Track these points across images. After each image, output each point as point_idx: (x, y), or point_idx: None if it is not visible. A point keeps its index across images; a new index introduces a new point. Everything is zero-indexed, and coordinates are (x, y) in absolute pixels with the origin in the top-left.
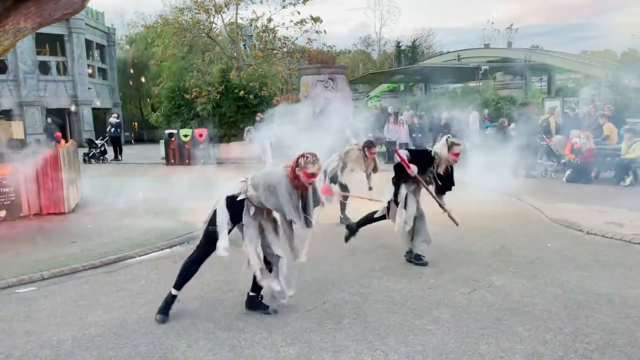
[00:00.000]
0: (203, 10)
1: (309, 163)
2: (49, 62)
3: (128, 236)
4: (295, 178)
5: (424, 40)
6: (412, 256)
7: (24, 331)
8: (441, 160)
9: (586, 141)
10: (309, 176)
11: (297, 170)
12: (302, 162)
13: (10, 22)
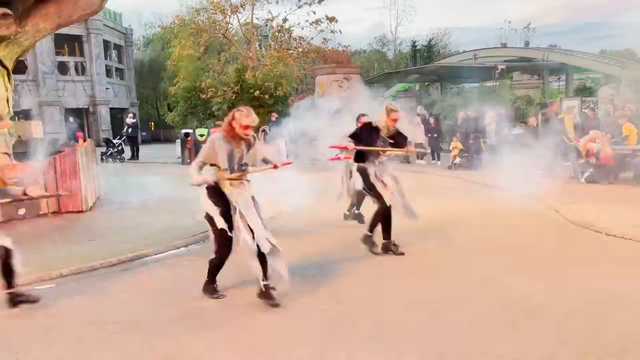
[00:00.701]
0: (219, 11)
1: (243, 116)
2: (68, 63)
3: (145, 234)
4: (232, 131)
5: (440, 39)
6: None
7: (44, 328)
8: (382, 125)
9: (602, 147)
10: (244, 127)
11: (234, 123)
12: (238, 115)
13: (30, 23)
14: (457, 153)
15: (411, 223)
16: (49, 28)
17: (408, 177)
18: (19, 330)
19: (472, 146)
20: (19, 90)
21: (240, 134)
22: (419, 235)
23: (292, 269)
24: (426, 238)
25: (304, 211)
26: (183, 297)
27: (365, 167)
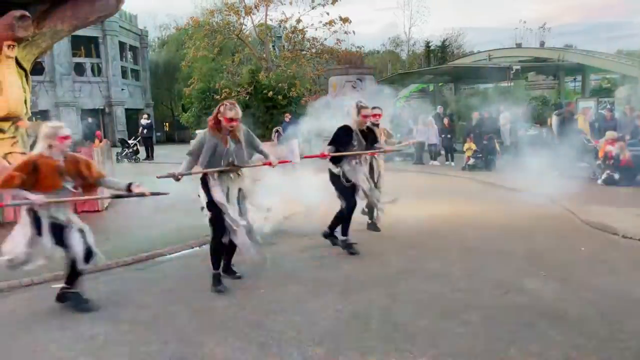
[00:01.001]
0: (233, 12)
1: (227, 109)
2: (84, 64)
3: (159, 234)
4: (218, 124)
5: (454, 40)
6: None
7: (59, 326)
8: (356, 124)
9: (620, 151)
10: (228, 120)
11: (219, 117)
12: (222, 109)
13: (48, 25)
14: (471, 154)
15: (425, 224)
16: (66, 30)
17: (421, 178)
18: (36, 327)
19: (486, 147)
20: (36, 91)
21: (226, 127)
22: (431, 235)
23: (305, 270)
24: (439, 239)
25: (318, 211)
26: (197, 297)
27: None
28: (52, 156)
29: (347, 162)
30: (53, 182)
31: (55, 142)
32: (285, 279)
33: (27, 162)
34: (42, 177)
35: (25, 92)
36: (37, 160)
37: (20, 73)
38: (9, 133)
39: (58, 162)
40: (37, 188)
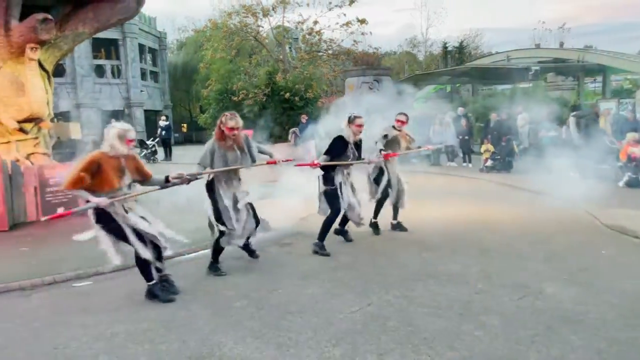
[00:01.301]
0: (251, 14)
1: (228, 120)
2: (104, 66)
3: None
4: (222, 134)
5: (472, 40)
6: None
7: (81, 324)
8: (349, 134)
9: None
10: (230, 130)
11: (222, 127)
12: (224, 120)
13: (70, 28)
14: (489, 155)
15: (442, 226)
16: (88, 32)
17: (438, 179)
18: (58, 325)
19: (504, 148)
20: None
21: (229, 136)
22: (449, 237)
23: (322, 270)
24: (456, 241)
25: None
26: (215, 296)
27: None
28: (114, 156)
29: (339, 172)
30: (114, 181)
31: (121, 144)
32: (302, 279)
33: (91, 162)
34: (104, 177)
35: (47, 93)
36: (101, 159)
37: (42, 75)
38: (31, 134)
39: (120, 160)
40: (97, 188)
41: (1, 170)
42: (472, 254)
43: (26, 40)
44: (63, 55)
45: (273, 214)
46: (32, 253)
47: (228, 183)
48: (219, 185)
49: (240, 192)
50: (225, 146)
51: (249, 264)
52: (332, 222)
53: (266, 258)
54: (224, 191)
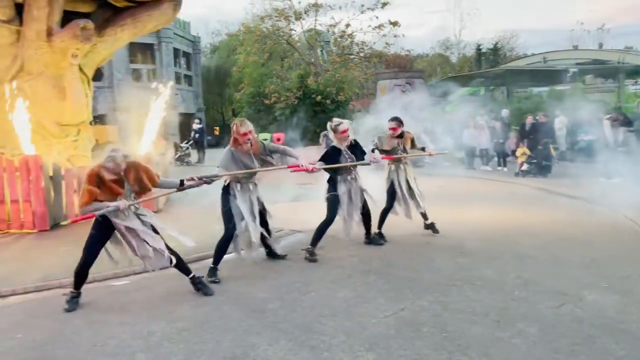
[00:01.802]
0: (283, 18)
1: (239, 127)
2: (141, 70)
3: (210, 235)
4: (236, 141)
5: (507, 42)
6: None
7: (119, 322)
8: (338, 142)
9: None
10: (242, 135)
11: (235, 135)
12: (235, 128)
13: (109, 33)
14: (525, 159)
15: (476, 230)
16: (126, 37)
17: (472, 184)
18: (97, 323)
19: (541, 152)
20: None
21: (244, 141)
22: (483, 242)
23: (354, 274)
24: (492, 246)
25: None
26: (248, 297)
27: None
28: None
29: (342, 179)
30: (116, 190)
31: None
32: (334, 283)
33: (91, 175)
34: (108, 187)
35: (87, 97)
36: (100, 172)
37: (83, 79)
38: (72, 137)
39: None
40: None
41: (42, 171)
42: (507, 259)
43: (68, 45)
44: (102, 60)
45: (306, 216)
46: (72, 252)
47: (244, 187)
48: (235, 189)
49: (256, 197)
50: (242, 151)
51: (281, 266)
52: (325, 228)
53: (298, 260)
54: (240, 195)
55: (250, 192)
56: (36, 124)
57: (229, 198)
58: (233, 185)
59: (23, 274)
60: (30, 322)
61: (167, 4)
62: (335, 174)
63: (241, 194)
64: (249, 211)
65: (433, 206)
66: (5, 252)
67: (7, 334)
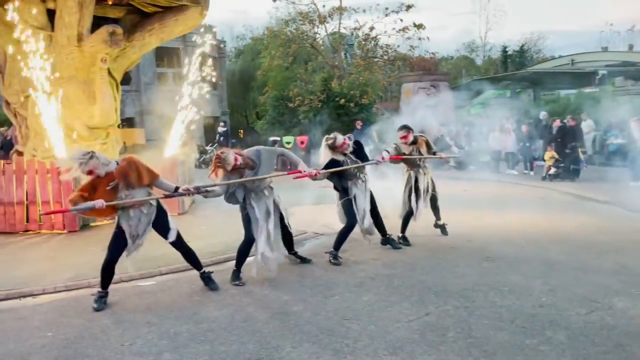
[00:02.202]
0: (308, 21)
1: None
2: (167, 74)
3: (235, 238)
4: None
5: (533, 44)
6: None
7: (146, 322)
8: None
9: None
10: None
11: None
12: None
13: (137, 38)
14: (552, 163)
15: (502, 235)
16: (153, 42)
17: (498, 188)
18: (125, 323)
19: (569, 156)
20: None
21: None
22: (509, 247)
23: (378, 277)
24: (518, 251)
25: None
26: (272, 299)
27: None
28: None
29: (352, 183)
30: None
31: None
32: (357, 286)
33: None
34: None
35: (115, 101)
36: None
37: (111, 83)
38: (100, 139)
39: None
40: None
41: None
42: (535, 265)
43: (97, 50)
44: (131, 64)
45: (329, 219)
46: (100, 252)
47: (258, 194)
48: (249, 197)
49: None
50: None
51: (304, 269)
52: (347, 233)
53: (321, 263)
54: (255, 201)
55: (265, 198)
56: (67, 127)
57: (245, 205)
58: (247, 193)
59: (53, 274)
60: (61, 320)
61: (193, 8)
62: (346, 181)
63: (256, 200)
64: (265, 217)
65: (457, 210)
66: (36, 252)
67: (39, 332)
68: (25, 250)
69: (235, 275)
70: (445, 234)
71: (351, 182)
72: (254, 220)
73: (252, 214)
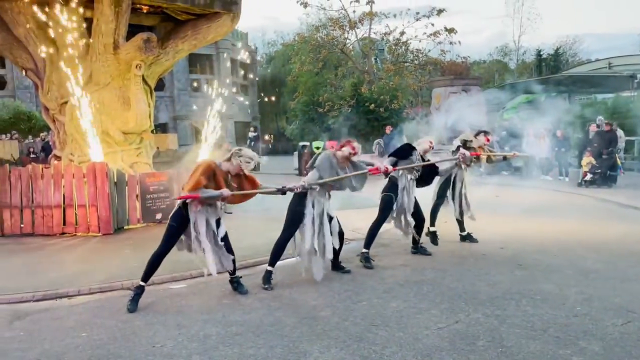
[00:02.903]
0: (338, 27)
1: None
2: (199, 80)
3: (265, 242)
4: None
5: (569, 47)
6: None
7: (176, 324)
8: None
9: None
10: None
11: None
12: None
13: (171, 45)
14: (589, 169)
15: (535, 242)
16: (186, 49)
17: (532, 194)
18: (156, 324)
19: (606, 162)
20: (157, 105)
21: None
22: (542, 255)
23: (407, 284)
24: (551, 259)
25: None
26: (301, 304)
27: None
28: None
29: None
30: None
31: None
32: (386, 292)
33: (208, 168)
34: (217, 182)
35: (149, 107)
36: (214, 169)
37: (146, 90)
38: (134, 144)
39: (227, 172)
40: None
41: (108, 177)
42: (569, 273)
43: (132, 57)
44: (164, 71)
45: (357, 224)
46: (133, 255)
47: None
48: (311, 194)
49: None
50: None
51: (332, 273)
52: (377, 229)
53: (350, 268)
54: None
55: (325, 201)
56: (102, 132)
57: (304, 201)
58: (309, 195)
59: (88, 275)
60: (94, 321)
61: (225, 15)
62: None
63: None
64: (320, 219)
65: (489, 216)
66: (72, 254)
67: (73, 332)
68: (62, 252)
69: (267, 277)
70: (475, 241)
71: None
72: (308, 218)
73: (308, 212)
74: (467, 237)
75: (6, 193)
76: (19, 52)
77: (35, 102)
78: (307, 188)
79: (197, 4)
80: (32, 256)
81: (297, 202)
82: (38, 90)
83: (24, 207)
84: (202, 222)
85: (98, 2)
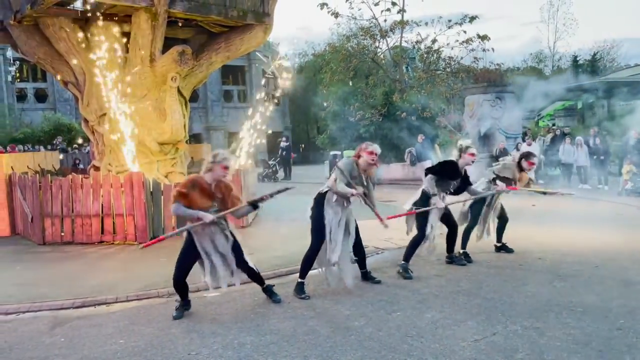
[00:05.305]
0: (369, 36)
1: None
2: (232, 91)
3: (297, 250)
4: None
5: (607, 53)
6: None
7: (211, 332)
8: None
9: None
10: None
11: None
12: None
13: (204, 57)
14: (630, 177)
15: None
16: (220, 61)
17: (570, 203)
18: (192, 332)
19: None
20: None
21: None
22: (583, 266)
23: (442, 294)
24: (592, 270)
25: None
26: (334, 313)
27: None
28: (206, 178)
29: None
30: (203, 202)
31: (217, 168)
32: (420, 302)
33: (187, 180)
34: (196, 196)
35: (184, 118)
36: (196, 179)
37: (180, 101)
38: (170, 155)
39: (210, 184)
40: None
41: (144, 187)
42: (612, 285)
43: (168, 70)
44: (199, 83)
45: (390, 233)
46: (170, 263)
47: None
48: (331, 200)
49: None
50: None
51: (366, 284)
52: (417, 244)
53: (384, 278)
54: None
55: (346, 209)
56: (139, 143)
57: (322, 210)
58: (330, 197)
59: (125, 283)
60: (132, 328)
61: (258, 27)
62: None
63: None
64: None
65: (526, 226)
66: (110, 262)
67: (111, 338)
68: (100, 260)
69: (299, 288)
70: (511, 251)
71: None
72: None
73: (328, 220)
74: (503, 247)
75: (48, 203)
76: (59, 66)
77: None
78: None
79: (231, 16)
80: (72, 264)
81: (316, 211)
82: (78, 102)
83: (64, 216)
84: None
85: (135, 16)
